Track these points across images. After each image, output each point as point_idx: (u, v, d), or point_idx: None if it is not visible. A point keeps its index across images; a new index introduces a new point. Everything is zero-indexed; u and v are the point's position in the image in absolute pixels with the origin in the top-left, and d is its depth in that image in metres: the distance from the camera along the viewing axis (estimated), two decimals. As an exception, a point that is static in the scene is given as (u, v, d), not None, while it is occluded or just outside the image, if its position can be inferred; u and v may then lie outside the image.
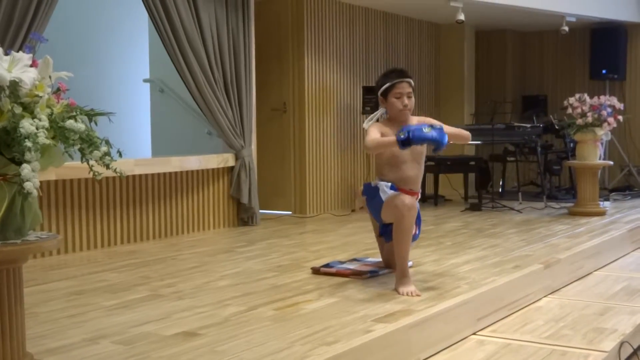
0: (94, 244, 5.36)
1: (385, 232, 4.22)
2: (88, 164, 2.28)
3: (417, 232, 4.12)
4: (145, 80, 7.60)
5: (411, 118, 4.09)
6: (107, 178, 5.23)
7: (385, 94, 4.07)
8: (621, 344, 3.53)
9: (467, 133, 4.15)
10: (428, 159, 8.29)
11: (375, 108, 7.51)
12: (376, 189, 4.06)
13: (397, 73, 4.09)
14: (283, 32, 7.56)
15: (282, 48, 7.56)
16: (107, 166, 2.29)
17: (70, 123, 2.20)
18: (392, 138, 3.76)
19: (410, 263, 4.16)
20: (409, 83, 4.06)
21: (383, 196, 4.00)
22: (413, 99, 4.07)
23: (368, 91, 7.73)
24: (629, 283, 4.87)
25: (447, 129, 3.87)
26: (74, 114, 2.26)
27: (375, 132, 3.95)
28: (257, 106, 6.74)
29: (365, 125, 4.17)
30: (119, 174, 2.31)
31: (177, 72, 5.96)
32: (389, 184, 4.03)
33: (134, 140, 7.51)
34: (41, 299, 3.75)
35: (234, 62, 6.37)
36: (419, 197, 4.17)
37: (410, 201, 3.82)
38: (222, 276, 4.31)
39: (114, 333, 3.08)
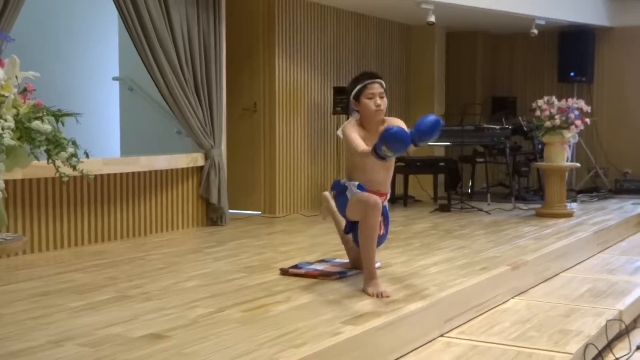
0: (61, 244, 5.31)
1: (351, 229, 4.24)
2: (54, 165, 2.26)
3: (384, 233, 4.13)
4: (114, 79, 7.55)
5: (389, 120, 4.08)
6: (74, 177, 5.18)
7: (358, 96, 4.07)
8: (586, 345, 3.57)
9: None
10: (398, 159, 8.35)
11: (345, 109, 7.54)
12: (344, 187, 4.09)
13: (368, 75, 4.12)
14: (254, 32, 7.54)
15: (253, 48, 7.54)
16: (74, 168, 2.27)
17: (36, 124, 2.18)
18: (368, 149, 3.73)
19: (378, 264, 4.18)
20: (381, 84, 4.08)
21: (349, 195, 4.02)
22: (385, 99, 4.07)
23: (339, 92, 7.74)
24: (594, 285, 4.92)
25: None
26: (41, 114, 2.24)
27: (356, 137, 3.93)
28: (227, 106, 6.72)
29: (339, 133, 4.17)
30: (86, 177, 2.29)
31: (147, 70, 5.92)
32: (357, 183, 4.05)
33: (103, 139, 7.46)
34: (5, 300, 3.71)
35: (204, 61, 6.34)
36: (387, 197, 4.18)
37: (374, 200, 3.83)
38: (190, 277, 4.29)
39: (80, 335, 3.05)
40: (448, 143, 8.60)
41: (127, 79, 7.39)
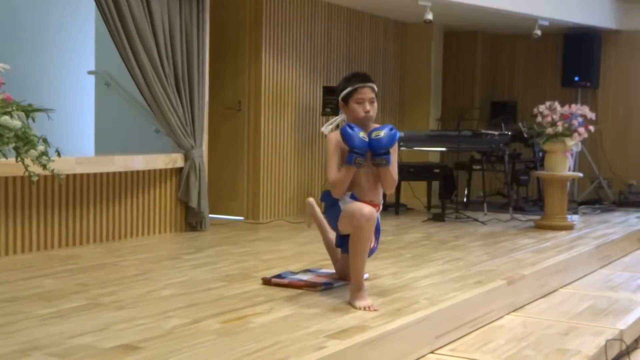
0: (29, 247, 5.29)
1: (342, 244, 4.24)
2: (23, 163, 2.26)
3: (375, 245, 4.14)
4: (90, 72, 7.54)
5: (372, 126, 4.10)
6: (44, 177, 5.17)
7: (346, 99, 4.07)
8: (584, 366, 3.59)
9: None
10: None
11: (336, 110, 7.55)
12: (335, 198, 4.07)
13: (359, 77, 4.09)
14: (240, 26, 7.55)
15: (238, 43, 7.55)
16: (44, 167, 2.28)
17: (5, 119, 2.19)
18: (348, 168, 3.88)
19: (366, 275, 4.19)
20: (372, 88, 4.07)
21: (342, 205, 4.02)
22: (376, 105, 4.09)
23: (329, 91, 7.75)
24: (595, 302, 4.95)
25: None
26: (10, 109, 2.24)
27: (331, 164, 3.98)
28: (209, 104, 6.72)
29: (324, 129, 4.20)
30: (57, 177, 2.30)
31: (125, 65, 5.92)
32: (350, 193, 4.05)
33: (76, 137, 7.45)
34: (-31, 305, 3.70)
35: (186, 57, 6.35)
36: (380, 209, 4.20)
37: (369, 211, 3.84)
38: (166, 285, 4.29)
39: (48, 345, 3.05)
40: (444, 149, 8.63)
41: (104, 73, 7.38)
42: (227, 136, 7.58)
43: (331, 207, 4.11)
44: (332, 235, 4.48)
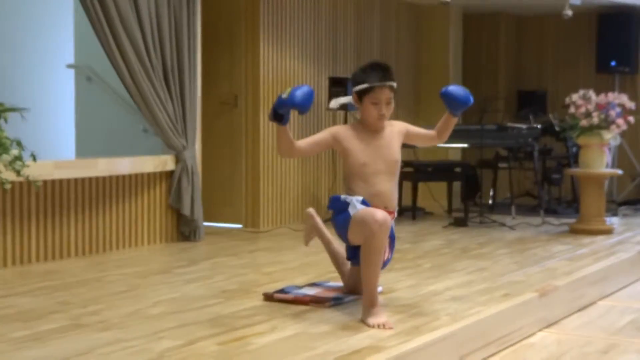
0: (3, 262, 5.29)
1: (353, 256, 4.24)
2: (-6, 169, 2.26)
3: (389, 256, 4.14)
4: (69, 66, 7.54)
5: (390, 123, 4.21)
6: (19, 183, 5.16)
7: (361, 94, 4.12)
8: (627, 387, 3.58)
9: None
10: (405, 164, 8.39)
11: (344, 107, 7.54)
12: (345, 204, 4.08)
13: (379, 73, 4.11)
14: (234, 11, 7.55)
15: (233, 30, 7.55)
16: (18, 173, 2.27)
17: (-28, 120, 2.18)
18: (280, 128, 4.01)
19: (380, 289, 4.18)
20: (391, 87, 4.11)
21: (352, 211, 4.01)
22: (392, 105, 4.14)
23: (335, 83, 7.75)
24: (638, 316, 4.93)
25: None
26: (-22, 109, 2.24)
27: (310, 138, 4.17)
28: (202, 99, 6.72)
29: (332, 104, 4.25)
30: (33, 184, 2.29)
31: (108, 57, 5.92)
32: (361, 198, 4.06)
33: (55, 138, 7.44)
34: (-64, 329, 3.70)
35: (175, 47, 6.35)
36: (395, 216, 4.20)
37: (382, 216, 3.83)
38: (156, 303, 4.28)
39: (24, 372, 3.05)
40: (465, 145, 8.60)
41: (84, 66, 7.38)
42: (222, 135, 7.57)
43: (340, 214, 4.11)
44: (338, 244, 4.50)
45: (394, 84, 4.13)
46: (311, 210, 4.65)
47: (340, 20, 8.40)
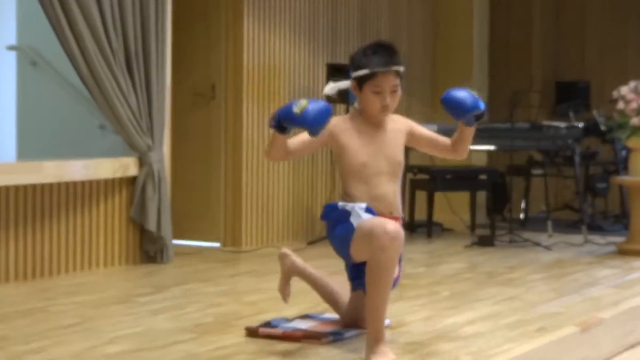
0: None
1: (356, 276, 4.22)
2: None
3: (398, 274, 4.13)
4: (10, 48, 7.54)
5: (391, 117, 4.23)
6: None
7: (361, 82, 4.12)
8: None
9: None
10: (419, 170, 8.38)
11: (344, 96, 7.53)
12: (345, 213, 4.07)
13: (382, 56, 4.12)
14: (213, -17, 7.56)
15: (210, 7, 7.54)
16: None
17: None
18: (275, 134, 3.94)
19: (387, 322, 4.17)
20: (397, 72, 4.11)
21: (355, 221, 4.01)
22: (399, 93, 4.14)
23: (334, 71, 7.73)
24: (702, 355, 4.93)
25: None
26: None
27: (300, 136, 4.09)
28: (172, 90, 6.72)
29: (327, 90, 4.24)
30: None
31: (57, 37, 5.92)
32: (364, 205, 4.06)
33: (-9, 136, 7.45)
34: None
35: (140, 26, 6.34)
36: (401, 223, 4.19)
37: (394, 228, 3.83)
38: (114, 338, 4.26)
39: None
40: (492, 147, 8.60)
41: (29, 48, 7.38)
42: (196, 133, 7.57)
43: (339, 225, 4.11)
44: (324, 274, 4.53)
45: (401, 69, 4.13)
46: (286, 250, 4.66)
47: (340, -5, 8.42)
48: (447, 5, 9.76)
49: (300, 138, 4.12)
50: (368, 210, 4.04)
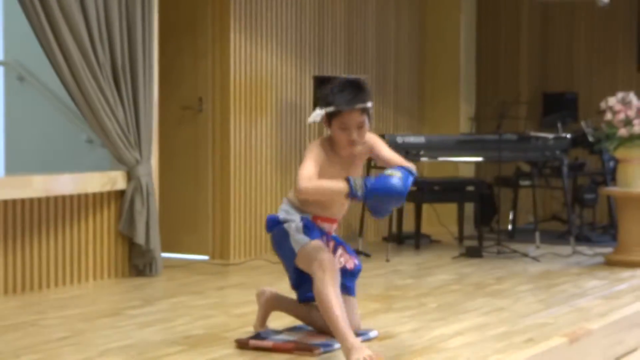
0: None
1: (300, 283, 4.44)
2: None
3: (358, 264, 4.45)
4: (-4, 63, 7.55)
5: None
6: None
7: (330, 117, 4.24)
8: None
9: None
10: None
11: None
12: (284, 234, 4.29)
13: (348, 93, 4.21)
14: (200, -3, 7.58)
15: (197, 20, 7.55)
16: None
17: None
18: (339, 185, 4.05)
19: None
20: (362, 110, 4.21)
21: (295, 246, 4.25)
22: (367, 127, 4.25)
23: (321, 83, 7.73)
24: (689, 365, 4.97)
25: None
26: None
27: (310, 164, 4.17)
28: (160, 103, 6.72)
29: (310, 119, 4.29)
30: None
31: (45, 52, 5.93)
32: (300, 223, 4.27)
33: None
34: None
35: (126, 40, 6.35)
36: (338, 222, 4.45)
37: (329, 258, 4.10)
38: (104, 352, 4.27)
39: None
40: (480, 159, 8.63)
41: (15, 63, 7.38)
42: (184, 146, 7.57)
43: (281, 241, 4.34)
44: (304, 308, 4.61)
45: (367, 105, 4.23)
46: (264, 289, 4.75)
47: (327, 6, 8.42)
48: (434, 16, 9.78)
49: (315, 170, 4.18)
50: (305, 222, 4.29)
